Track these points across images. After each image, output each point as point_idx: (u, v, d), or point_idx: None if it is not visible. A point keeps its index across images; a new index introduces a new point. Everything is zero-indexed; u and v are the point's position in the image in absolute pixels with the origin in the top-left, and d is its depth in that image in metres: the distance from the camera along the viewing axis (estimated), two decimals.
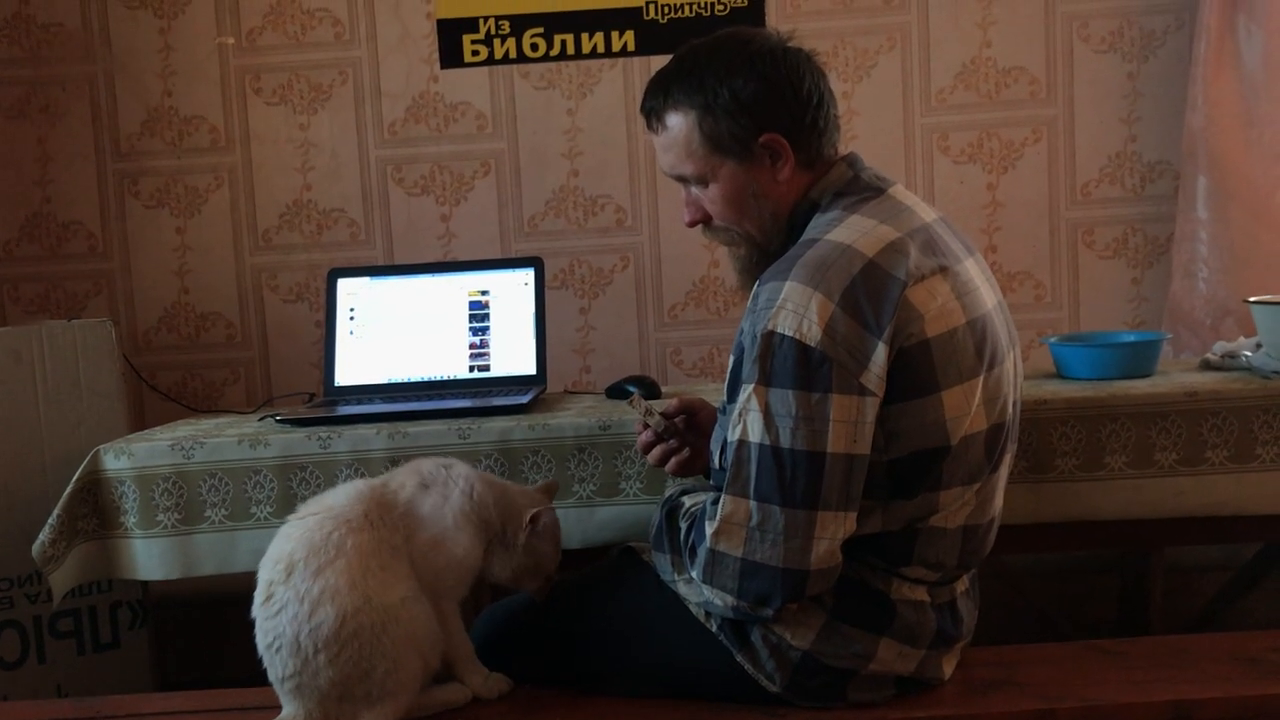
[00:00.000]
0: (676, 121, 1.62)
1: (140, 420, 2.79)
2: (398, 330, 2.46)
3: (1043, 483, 2.03)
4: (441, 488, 1.63)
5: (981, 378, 1.54)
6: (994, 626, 2.03)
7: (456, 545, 1.61)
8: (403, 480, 1.65)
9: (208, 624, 2.74)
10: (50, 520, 2.08)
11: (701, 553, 1.53)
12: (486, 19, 2.86)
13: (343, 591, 1.50)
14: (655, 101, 1.64)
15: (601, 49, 2.86)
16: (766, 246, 1.65)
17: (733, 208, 1.64)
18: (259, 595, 1.56)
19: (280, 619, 1.52)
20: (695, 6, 2.83)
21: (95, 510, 2.13)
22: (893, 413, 1.49)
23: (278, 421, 2.20)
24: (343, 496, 1.62)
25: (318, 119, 2.91)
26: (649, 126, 1.67)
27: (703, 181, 1.64)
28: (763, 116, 1.58)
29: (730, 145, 1.59)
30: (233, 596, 1.75)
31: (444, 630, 1.61)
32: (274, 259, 2.94)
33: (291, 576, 1.52)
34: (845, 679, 1.58)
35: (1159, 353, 2.24)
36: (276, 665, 1.54)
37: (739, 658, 1.59)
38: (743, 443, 1.49)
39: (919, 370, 1.49)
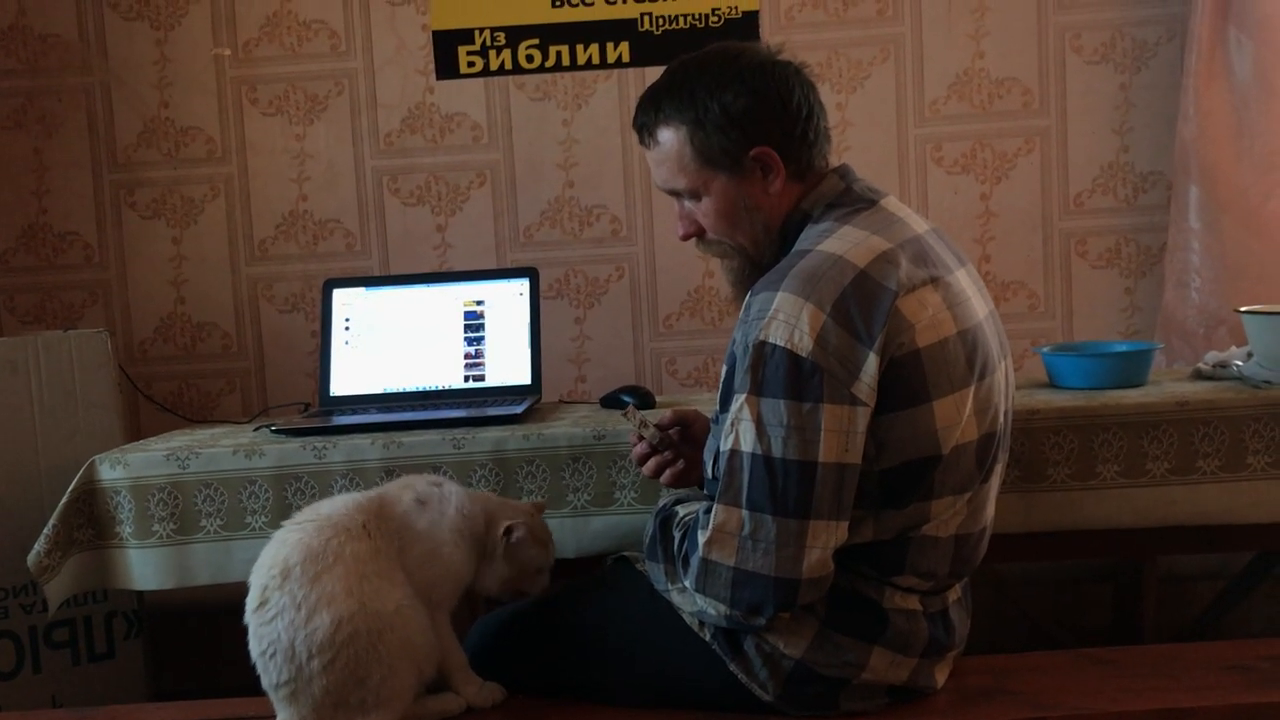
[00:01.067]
0: (668, 137, 1.63)
1: (136, 430, 2.79)
2: (393, 340, 2.46)
3: (1035, 492, 2.03)
4: (437, 504, 1.65)
5: (972, 388, 1.55)
6: (986, 635, 2.04)
7: (451, 558, 1.64)
8: (398, 494, 1.67)
9: (203, 634, 2.74)
10: (46, 530, 2.08)
11: (694, 562, 1.54)
12: (482, 30, 2.87)
13: (339, 598, 1.51)
14: (647, 117, 1.65)
15: (597, 60, 2.87)
16: (759, 258, 1.65)
17: (725, 221, 1.65)
18: (252, 601, 1.56)
19: (276, 625, 1.51)
20: (690, 18, 2.84)
21: (91, 520, 2.13)
22: (884, 423, 1.50)
23: (273, 432, 2.20)
24: (340, 505, 1.63)
25: (314, 130, 2.91)
26: (641, 142, 1.67)
27: (695, 195, 1.65)
28: (753, 130, 1.59)
29: (721, 159, 1.60)
30: (228, 606, 1.75)
31: (437, 639, 1.62)
32: (270, 269, 2.94)
33: (287, 582, 1.52)
34: (838, 688, 1.58)
35: (1151, 362, 2.25)
36: (271, 672, 1.54)
37: (732, 667, 1.59)
38: (735, 452, 1.50)
39: (910, 380, 1.49)
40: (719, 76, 1.60)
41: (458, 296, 2.48)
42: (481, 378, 2.43)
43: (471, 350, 2.44)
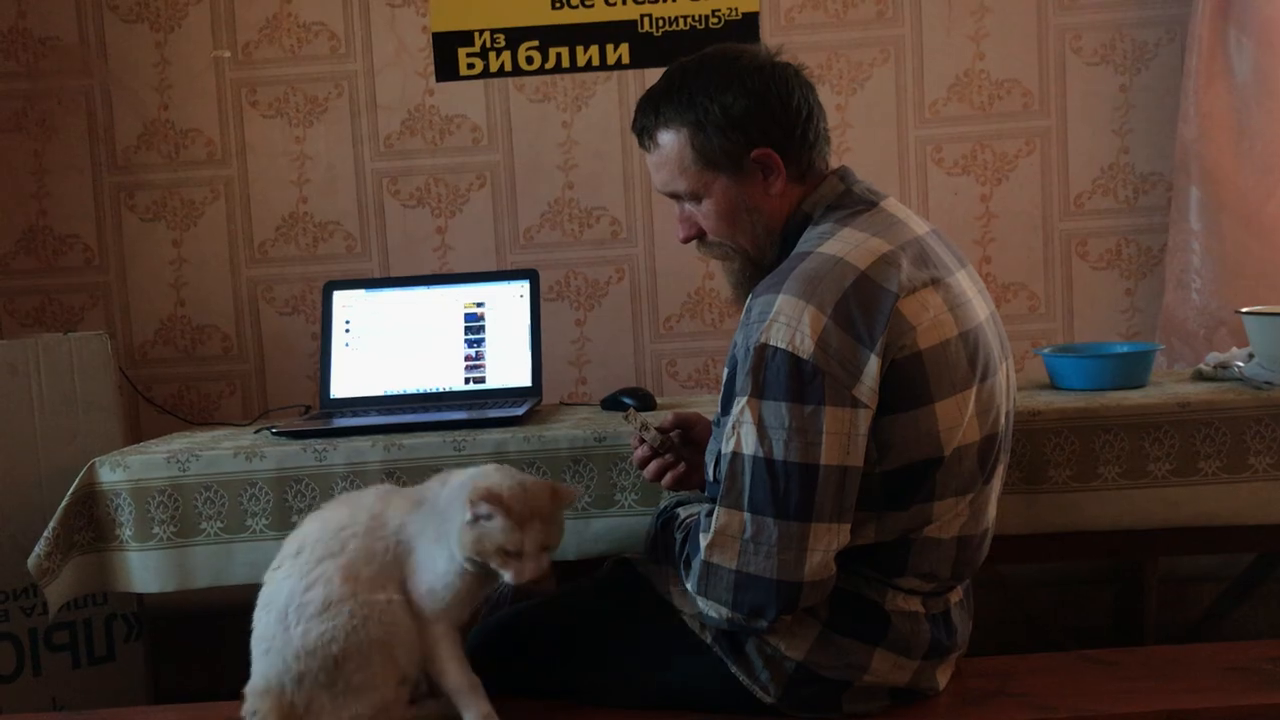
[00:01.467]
0: (668, 139, 1.63)
1: (136, 433, 2.80)
2: (393, 342, 2.46)
3: (1036, 493, 2.03)
4: (431, 504, 1.62)
5: (974, 389, 1.55)
6: (988, 637, 2.04)
7: (436, 561, 1.58)
8: (405, 496, 1.65)
9: (203, 637, 2.74)
10: (46, 533, 2.08)
11: (696, 565, 1.54)
12: (482, 32, 2.88)
13: (334, 582, 1.55)
14: (647, 120, 1.65)
15: (596, 62, 2.87)
16: (760, 260, 1.65)
17: (726, 223, 1.65)
18: (275, 561, 1.62)
19: (281, 586, 1.58)
20: (689, 20, 2.84)
21: (91, 523, 2.12)
22: (885, 424, 1.50)
23: (273, 434, 2.20)
24: (367, 497, 1.66)
25: (314, 132, 2.91)
26: (641, 145, 1.67)
27: (696, 198, 1.65)
28: (753, 131, 1.59)
29: (722, 161, 1.60)
30: (228, 609, 1.75)
31: (439, 653, 1.58)
32: (270, 271, 2.94)
33: (299, 556, 1.58)
34: (840, 690, 1.58)
35: (1152, 363, 2.25)
36: (260, 625, 1.59)
37: (734, 669, 1.59)
38: (736, 455, 1.50)
39: (912, 382, 1.49)
40: (719, 78, 1.60)
41: (458, 298, 2.48)
42: (482, 380, 2.42)
43: (472, 352, 2.44)
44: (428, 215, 2.93)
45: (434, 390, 2.42)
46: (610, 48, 2.87)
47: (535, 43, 2.87)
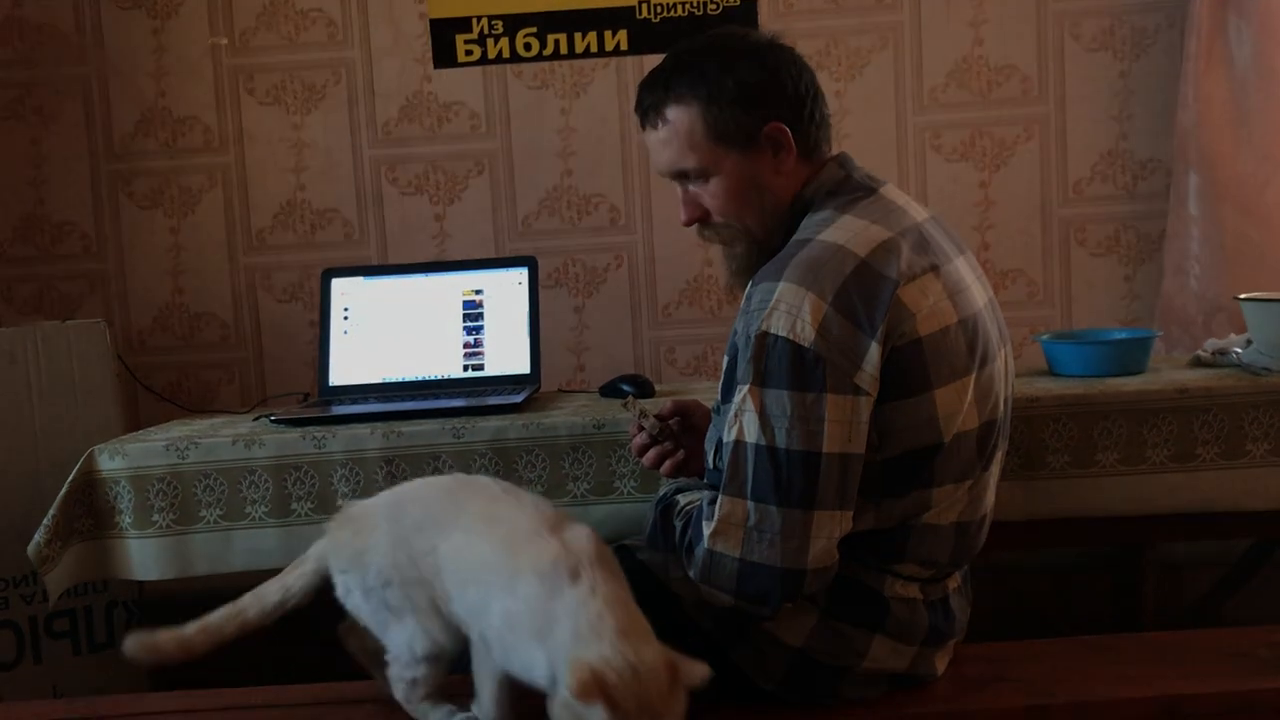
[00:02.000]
0: (678, 114, 1.61)
1: (135, 421, 2.79)
2: (392, 330, 2.46)
3: (1035, 480, 2.03)
4: (546, 585, 1.37)
5: (973, 376, 1.55)
6: (986, 623, 2.04)
7: (531, 660, 1.37)
8: (546, 550, 1.41)
9: None
10: (45, 521, 2.08)
11: (699, 553, 1.54)
12: (480, 19, 2.87)
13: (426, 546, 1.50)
14: (655, 95, 1.63)
15: (595, 48, 2.87)
16: (766, 242, 1.64)
17: (735, 201, 1.63)
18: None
19: (451, 522, 1.51)
20: (688, 5, 2.84)
21: (90, 511, 2.13)
22: (886, 411, 1.50)
23: (272, 422, 2.20)
24: (510, 506, 1.50)
25: (311, 119, 2.91)
26: (646, 123, 1.65)
27: (704, 175, 1.63)
28: (768, 105, 1.59)
29: (735, 135, 1.60)
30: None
31: (489, 679, 1.50)
32: (268, 259, 2.94)
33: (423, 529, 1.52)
34: (839, 676, 1.59)
35: (1150, 350, 2.25)
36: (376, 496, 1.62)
37: (733, 655, 1.60)
38: (739, 443, 1.50)
39: (912, 369, 1.49)
40: (730, 53, 1.60)
41: (456, 286, 2.47)
42: (481, 367, 2.42)
43: (470, 340, 2.44)
44: (426, 202, 2.92)
45: (433, 378, 2.42)
46: (608, 34, 2.86)
47: (533, 29, 2.87)
